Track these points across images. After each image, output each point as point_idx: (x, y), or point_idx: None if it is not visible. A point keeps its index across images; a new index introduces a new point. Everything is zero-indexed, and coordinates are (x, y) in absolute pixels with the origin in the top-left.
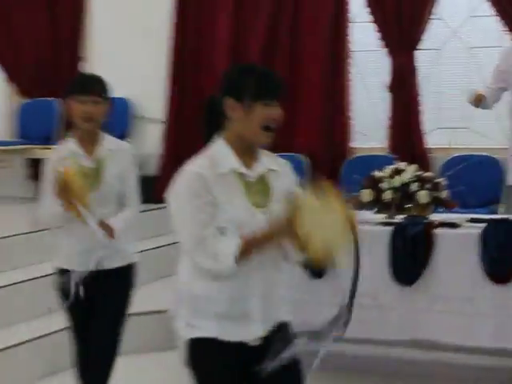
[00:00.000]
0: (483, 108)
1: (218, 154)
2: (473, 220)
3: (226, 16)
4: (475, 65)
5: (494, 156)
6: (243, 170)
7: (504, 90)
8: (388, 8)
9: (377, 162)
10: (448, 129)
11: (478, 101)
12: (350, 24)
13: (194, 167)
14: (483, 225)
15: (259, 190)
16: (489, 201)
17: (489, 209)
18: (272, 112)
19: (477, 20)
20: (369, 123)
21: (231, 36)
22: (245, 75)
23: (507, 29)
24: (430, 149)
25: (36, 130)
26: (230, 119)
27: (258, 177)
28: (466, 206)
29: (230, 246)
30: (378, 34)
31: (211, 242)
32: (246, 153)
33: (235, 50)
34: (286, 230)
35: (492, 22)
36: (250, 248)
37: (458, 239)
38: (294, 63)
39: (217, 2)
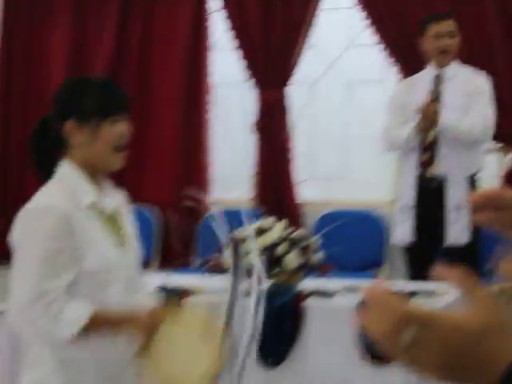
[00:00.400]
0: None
1: (73, 184)
2: (350, 288)
3: (63, 36)
4: (354, 102)
5: (377, 211)
6: (101, 202)
7: None
8: (254, 35)
9: (239, 217)
10: (323, 178)
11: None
12: (210, 52)
13: (49, 200)
14: (362, 294)
15: (115, 225)
16: (370, 263)
17: (370, 273)
18: (121, 129)
19: (357, 50)
20: (231, 170)
21: (69, 56)
22: (84, 91)
23: (391, 61)
24: (303, 202)
25: None
26: (72, 145)
27: (112, 211)
28: (343, 271)
29: (77, 312)
30: (243, 65)
31: (56, 298)
32: (95, 182)
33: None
34: (143, 334)
35: (374, 52)
36: (99, 324)
37: (333, 311)
38: (143, 98)
39: (51, 17)
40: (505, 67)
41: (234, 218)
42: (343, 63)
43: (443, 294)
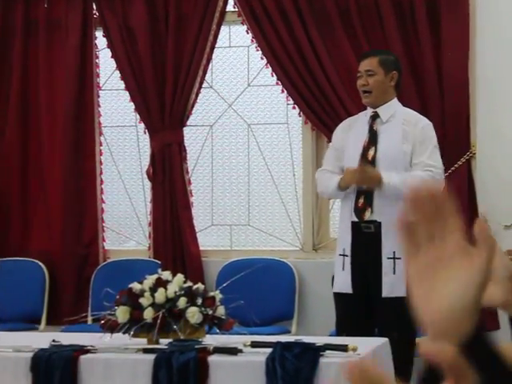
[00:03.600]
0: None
1: None
2: (255, 344)
3: None
4: (256, 145)
5: (285, 260)
6: None
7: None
8: (147, 73)
9: (135, 268)
10: (226, 226)
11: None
12: (99, 92)
13: None
14: (268, 350)
15: None
16: (279, 317)
17: (279, 327)
18: None
19: (256, 91)
20: (125, 219)
21: None
22: None
23: (292, 102)
24: (204, 251)
25: None
26: None
27: None
28: (249, 325)
29: None
30: (133, 106)
31: None
32: None
33: None
34: None
35: (274, 93)
36: None
37: (239, 368)
38: (26, 143)
39: None
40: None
41: (128, 269)
42: (243, 104)
43: (354, 349)
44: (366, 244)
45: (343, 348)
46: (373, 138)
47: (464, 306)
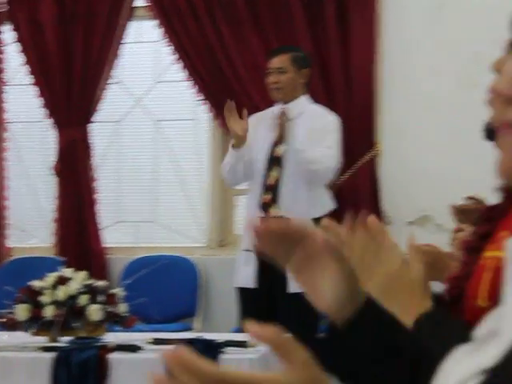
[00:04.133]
0: (235, 181)
1: None
2: (157, 341)
3: None
4: (163, 141)
5: (189, 257)
6: None
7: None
8: (55, 68)
9: (39, 266)
10: (131, 222)
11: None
12: (5, 87)
13: None
14: (169, 347)
15: None
16: (183, 314)
17: (183, 324)
18: None
19: (164, 87)
20: (29, 215)
21: None
22: None
23: (201, 97)
24: (109, 248)
25: None
26: None
27: None
28: (152, 322)
29: None
30: (41, 101)
31: None
32: None
33: None
34: None
35: (182, 89)
36: None
37: (140, 365)
38: None
39: None
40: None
41: (32, 267)
42: (151, 100)
43: (254, 345)
44: None
45: (243, 344)
46: (281, 136)
47: (339, 298)
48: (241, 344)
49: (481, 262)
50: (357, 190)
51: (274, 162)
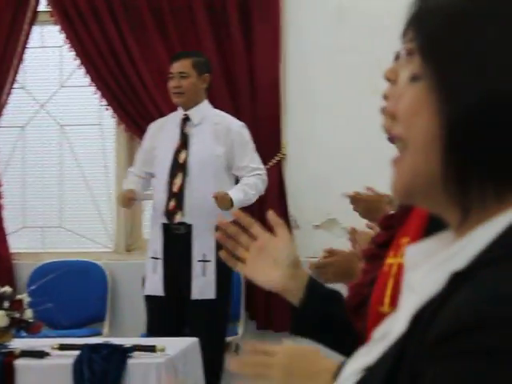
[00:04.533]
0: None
1: None
2: (64, 346)
3: None
4: (68, 146)
5: (97, 262)
6: None
7: (152, 175)
8: None
9: None
10: (38, 228)
11: (131, 200)
12: None
13: None
14: (76, 352)
15: None
16: (92, 319)
17: (90, 329)
18: None
19: (69, 91)
20: None
21: None
22: None
23: (105, 102)
24: (15, 254)
25: None
26: None
27: None
28: (60, 327)
29: None
30: None
31: None
32: None
33: None
34: None
35: (87, 94)
36: None
37: (47, 371)
38: None
39: None
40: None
41: None
42: (55, 105)
43: (162, 350)
44: (177, 246)
45: (151, 349)
46: (184, 141)
47: (288, 273)
48: (148, 348)
49: (384, 268)
50: (264, 193)
51: (178, 168)
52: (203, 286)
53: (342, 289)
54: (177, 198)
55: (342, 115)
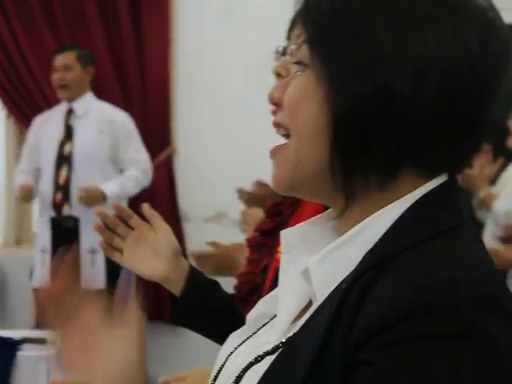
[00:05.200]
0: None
1: None
2: None
3: None
4: None
5: None
6: None
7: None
8: None
9: None
10: None
11: (31, 193)
12: None
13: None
14: None
15: None
16: None
17: None
18: None
19: None
20: None
21: None
22: None
23: None
24: None
25: None
26: None
27: None
28: None
29: None
30: None
31: None
32: None
33: None
34: None
35: None
36: None
37: None
38: None
39: None
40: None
41: None
42: None
43: (54, 342)
44: (64, 240)
45: (41, 341)
46: (69, 133)
47: (164, 269)
48: (38, 341)
49: (277, 256)
50: (154, 187)
51: (63, 160)
52: (92, 276)
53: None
54: (63, 190)
55: (230, 110)
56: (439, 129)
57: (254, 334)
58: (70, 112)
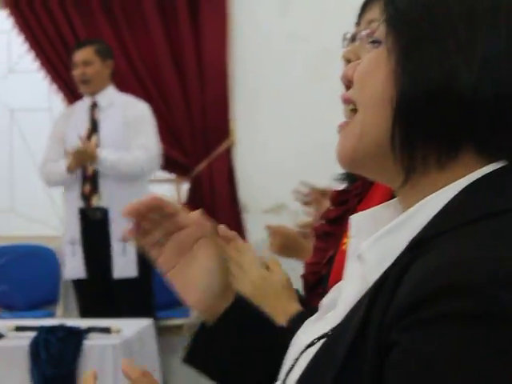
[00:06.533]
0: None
1: None
2: (20, 328)
3: None
4: (18, 130)
5: (49, 246)
6: None
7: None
8: None
9: None
10: None
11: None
12: None
13: None
14: (32, 334)
15: None
16: (44, 301)
17: (44, 311)
18: None
19: (18, 76)
20: None
21: None
22: None
23: (56, 87)
24: None
25: None
26: None
27: None
28: (14, 310)
29: None
30: None
31: None
32: None
33: None
34: None
35: (37, 79)
36: None
37: (3, 353)
38: None
39: None
40: (175, 95)
41: None
42: (4, 90)
43: (118, 331)
44: (94, 231)
45: (106, 330)
46: (94, 126)
47: (212, 292)
48: (104, 330)
49: (342, 247)
50: (214, 178)
51: None
52: (124, 264)
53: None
54: (91, 181)
55: (289, 102)
56: (503, 114)
57: (321, 319)
58: (93, 105)
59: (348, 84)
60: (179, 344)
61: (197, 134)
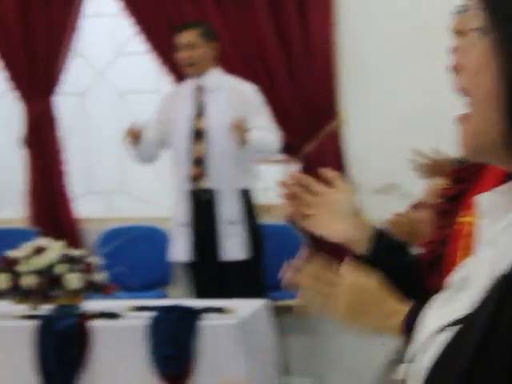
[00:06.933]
0: (137, 154)
1: None
2: (137, 308)
3: None
4: (128, 112)
5: (162, 227)
6: None
7: (162, 144)
8: (14, 40)
9: (13, 237)
10: (102, 193)
11: (136, 135)
12: None
13: None
14: (151, 314)
15: None
16: (157, 282)
17: (157, 292)
18: None
19: (127, 59)
20: (0, 187)
21: None
22: None
23: (165, 69)
24: (81, 219)
25: None
26: None
27: None
28: (129, 290)
29: None
30: (5, 74)
31: None
32: None
33: None
34: None
35: (145, 61)
36: None
37: (121, 333)
38: None
39: None
40: (282, 76)
41: (6, 238)
42: (114, 72)
43: (232, 312)
44: (202, 213)
45: (221, 310)
46: (200, 110)
47: (347, 229)
48: (219, 310)
49: (456, 227)
50: (322, 159)
51: (198, 135)
52: (232, 247)
53: None
54: (200, 163)
55: (398, 79)
56: None
57: (449, 298)
58: (199, 88)
59: (456, 70)
60: (290, 325)
61: (304, 115)
